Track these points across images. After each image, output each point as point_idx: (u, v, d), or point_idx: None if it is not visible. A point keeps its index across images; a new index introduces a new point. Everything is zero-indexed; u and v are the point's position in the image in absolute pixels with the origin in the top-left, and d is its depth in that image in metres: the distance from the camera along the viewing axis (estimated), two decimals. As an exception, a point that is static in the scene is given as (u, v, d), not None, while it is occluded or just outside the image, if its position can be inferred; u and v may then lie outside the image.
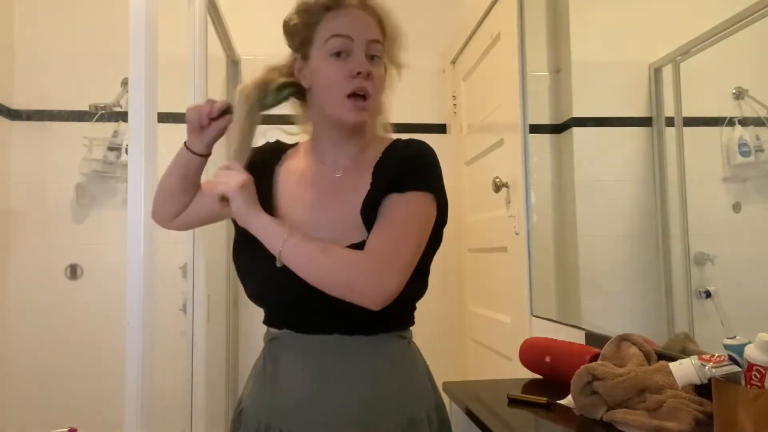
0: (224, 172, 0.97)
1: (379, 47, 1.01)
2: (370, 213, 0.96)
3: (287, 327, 1.00)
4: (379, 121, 1.10)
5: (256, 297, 1.01)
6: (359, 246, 0.93)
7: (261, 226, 0.94)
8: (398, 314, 1.02)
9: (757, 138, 1.02)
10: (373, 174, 1.00)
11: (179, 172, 1.09)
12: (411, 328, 1.08)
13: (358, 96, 0.97)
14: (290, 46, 1.06)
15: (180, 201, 1.12)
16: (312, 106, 1.05)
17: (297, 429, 0.94)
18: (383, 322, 0.98)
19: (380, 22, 1.02)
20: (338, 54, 0.98)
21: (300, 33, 1.02)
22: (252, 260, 0.98)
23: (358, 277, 0.90)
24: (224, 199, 0.96)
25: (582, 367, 1.02)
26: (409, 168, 0.98)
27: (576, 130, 1.63)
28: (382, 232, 0.94)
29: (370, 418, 0.94)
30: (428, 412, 1.00)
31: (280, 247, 0.91)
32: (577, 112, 1.63)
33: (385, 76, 1.05)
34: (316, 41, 1.00)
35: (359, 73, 0.96)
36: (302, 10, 1.02)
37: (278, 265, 0.92)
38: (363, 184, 1.00)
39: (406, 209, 0.95)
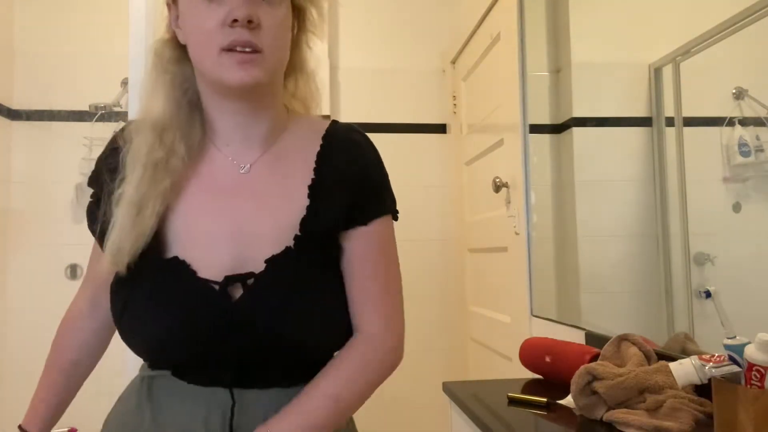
0: None
1: None
2: (309, 232, 0.77)
3: (184, 378, 0.76)
4: (300, 90, 0.86)
5: (156, 347, 0.76)
6: (282, 257, 0.74)
7: None
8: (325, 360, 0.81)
9: (757, 138, 1.02)
10: (315, 186, 0.79)
11: None
12: None
13: (239, 51, 0.72)
14: None
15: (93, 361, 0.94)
16: (195, 70, 0.79)
17: None
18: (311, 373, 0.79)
19: None
20: None
21: None
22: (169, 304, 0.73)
23: (380, 376, 0.80)
24: None
25: (582, 367, 1.02)
26: (369, 191, 0.81)
27: (576, 130, 1.63)
28: (371, 299, 0.80)
29: None
30: None
31: None
32: (577, 112, 1.63)
33: (300, 18, 0.81)
34: None
35: (235, 21, 0.71)
36: None
37: None
38: (290, 189, 0.79)
39: (380, 250, 0.82)
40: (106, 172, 0.79)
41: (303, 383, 0.77)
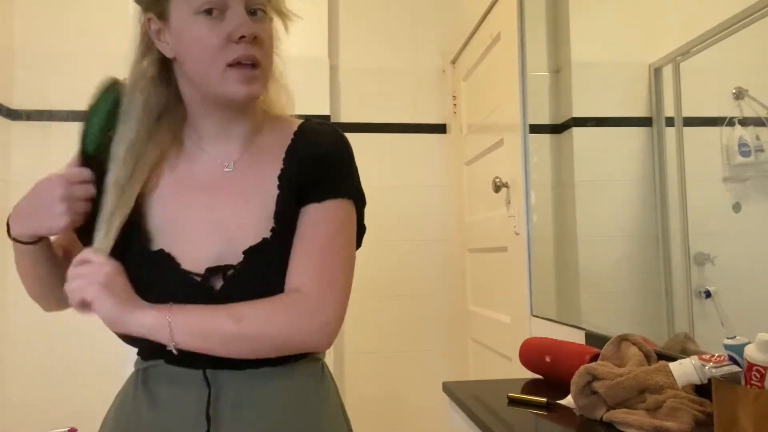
0: (77, 272, 0.74)
1: None
2: (283, 223, 0.80)
3: (169, 362, 0.80)
4: (271, 94, 0.89)
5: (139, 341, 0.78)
6: (259, 248, 0.78)
7: (144, 326, 0.73)
8: None
9: (757, 138, 1.02)
10: (282, 175, 0.82)
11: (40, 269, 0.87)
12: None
13: (244, 65, 0.77)
14: (139, 2, 0.82)
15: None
16: (181, 80, 0.83)
17: None
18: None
19: None
20: (209, 11, 0.75)
21: None
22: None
23: (293, 330, 0.75)
24: (86, 306, 0.74)
25: (582, 367, 1.02)
26: (324, 171, 0.82)
27: (576, 130, 1.63)
28: (307, 259, 0.79)
29: None
30: None
31: (177, 339, 0.72)
32: (577, 112, 1.63)
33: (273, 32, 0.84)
34: None
35: (242, 37, 0.75)
36: None
37: (174, 351, 0.74)
38: (265, 183, 0.82)
39: (328, 224, 0.81)
40: None
41: (272, 364, 0.80)
